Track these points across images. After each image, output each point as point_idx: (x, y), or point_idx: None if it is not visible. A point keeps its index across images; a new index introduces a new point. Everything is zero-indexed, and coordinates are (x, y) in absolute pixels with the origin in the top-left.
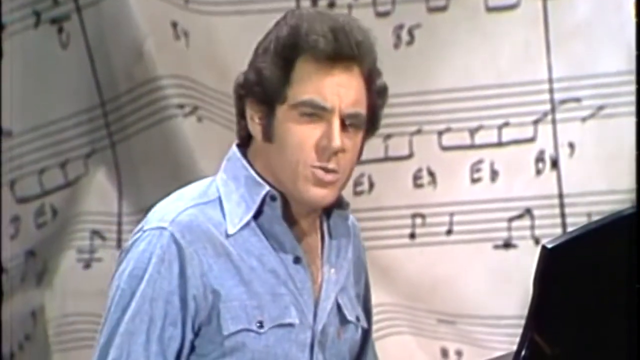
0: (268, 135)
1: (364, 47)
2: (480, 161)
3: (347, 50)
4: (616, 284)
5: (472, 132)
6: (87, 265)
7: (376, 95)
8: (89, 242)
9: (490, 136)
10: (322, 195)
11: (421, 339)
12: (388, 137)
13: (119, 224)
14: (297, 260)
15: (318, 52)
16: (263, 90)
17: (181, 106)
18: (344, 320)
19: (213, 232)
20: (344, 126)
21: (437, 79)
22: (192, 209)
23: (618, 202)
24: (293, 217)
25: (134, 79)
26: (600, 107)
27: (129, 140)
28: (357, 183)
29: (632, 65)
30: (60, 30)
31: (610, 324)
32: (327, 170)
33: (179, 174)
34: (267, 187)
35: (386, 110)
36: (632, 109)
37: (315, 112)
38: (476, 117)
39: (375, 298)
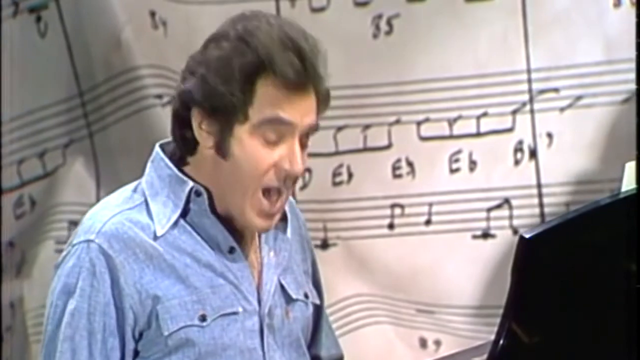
0: (223, 151)
1: (323, 72)
2: (459, 151)
3: (311, 79)
4: (593, 273)
5: (451, 122)
6: None
7: (322, 105)
8: (67, 232)
9: (469, 126)
10: (266, 226)
11: (400, 328)
12: (367, 127)
13: None
14: (231, 250)
15: (285, 80)
16: (223, 111)
17: (159, 96)
18: (289, 300)
19: (141, 237)
20: (301, 145)
21: (416, 69)
22: (118, 216)
23: (596, 192)
24: (222, 211)
25: (112, 68)
26: (579, 98)
27: (107, 130)
28: (335, 173)
29: (610, 56)
30: (38, 19)
31: (588, 313)
32: (278, 196)
33: None
34: (191, 183)
35: (365, 101)
36: (610, 99)
37: (277, 132)
38: (455, 107)
39: (353, 288)
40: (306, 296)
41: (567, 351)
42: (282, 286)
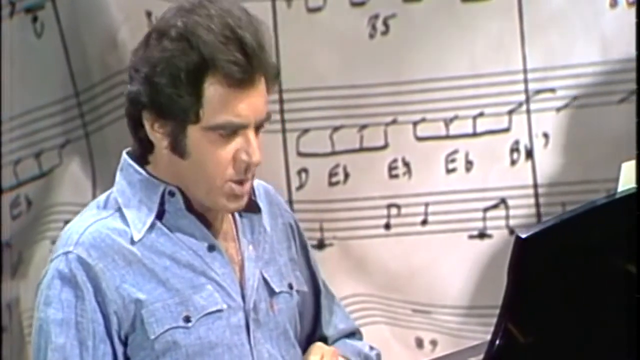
0: (179, 152)
1: (270, 57)
2: (455, 151)
3: (258, 70)
4: (589, 273)
5: (447, 122)
6: None
7: (271, 83)
8: None
9: (465, 126)
10: (238, 206)
11: (396, 329)
12: (363, 127)
13: None
14: (211, 248)
15: (231, 78)
16: (173, 113)
17: None
18: (272, 293)
19: (119, 242)
20: (255, 132)
21: (412, 69)
22: (94, 225)
23: (592, 192)
24: (197, 208)
25: (108, 68)
26: (575, 98)
27: (103, 130)
28: (332, 174)
29: (607, 56)
30: (34, 19)
31: (583, 313)
32: (244, 182)
33: None
34: (164, 185)
35: (361, 101)
36: (606, 99)
37: (231, 129)
38: (451, 107)
39: (350, 288)
40: (290, 286)
41: (563, 351)
42: (264, 280)
